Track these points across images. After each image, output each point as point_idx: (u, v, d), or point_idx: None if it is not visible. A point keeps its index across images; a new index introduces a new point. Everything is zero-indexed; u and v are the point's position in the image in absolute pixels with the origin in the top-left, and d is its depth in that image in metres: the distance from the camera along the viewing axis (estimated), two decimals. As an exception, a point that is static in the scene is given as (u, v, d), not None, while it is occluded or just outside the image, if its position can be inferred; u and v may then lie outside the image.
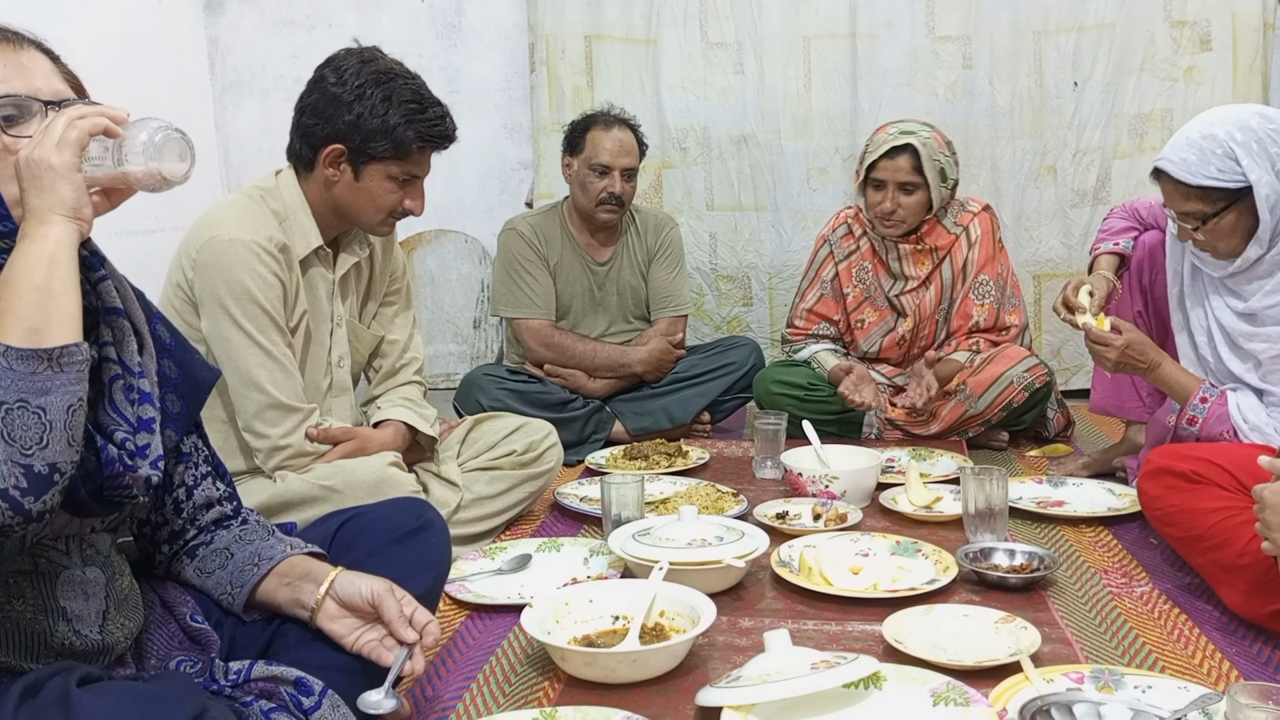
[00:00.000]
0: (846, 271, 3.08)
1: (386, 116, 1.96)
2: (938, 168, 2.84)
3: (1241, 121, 1.92)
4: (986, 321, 2.98)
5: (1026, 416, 2.94)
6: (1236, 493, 1.74)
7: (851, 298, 3.09)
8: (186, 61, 4.07)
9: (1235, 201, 1.92)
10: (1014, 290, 3.03)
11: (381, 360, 2.30)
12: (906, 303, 3.04)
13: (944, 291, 3.01)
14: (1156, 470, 1.87)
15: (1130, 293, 2.40)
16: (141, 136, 1.07)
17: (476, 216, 4.10)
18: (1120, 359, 2.12)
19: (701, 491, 2.47)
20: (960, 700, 1.40)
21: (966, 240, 2.97)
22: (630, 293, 3.26)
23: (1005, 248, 3.06)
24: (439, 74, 3.97)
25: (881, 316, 3.08)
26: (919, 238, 2.96)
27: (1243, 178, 1.89)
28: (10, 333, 0.98)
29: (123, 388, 1.17)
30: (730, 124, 3.82)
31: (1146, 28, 3.61)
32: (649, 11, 3.81)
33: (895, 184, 2.84)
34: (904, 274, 3.02)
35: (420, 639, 1.27)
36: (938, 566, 1.94)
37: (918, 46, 3.71)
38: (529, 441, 2.38)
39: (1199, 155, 1.92)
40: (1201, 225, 1.97)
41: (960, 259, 2.98)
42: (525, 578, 2.02)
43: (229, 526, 1.35)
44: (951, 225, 2.97)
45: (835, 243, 3.09)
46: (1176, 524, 1.84)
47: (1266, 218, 1.91)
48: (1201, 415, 2.03)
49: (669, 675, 1.57)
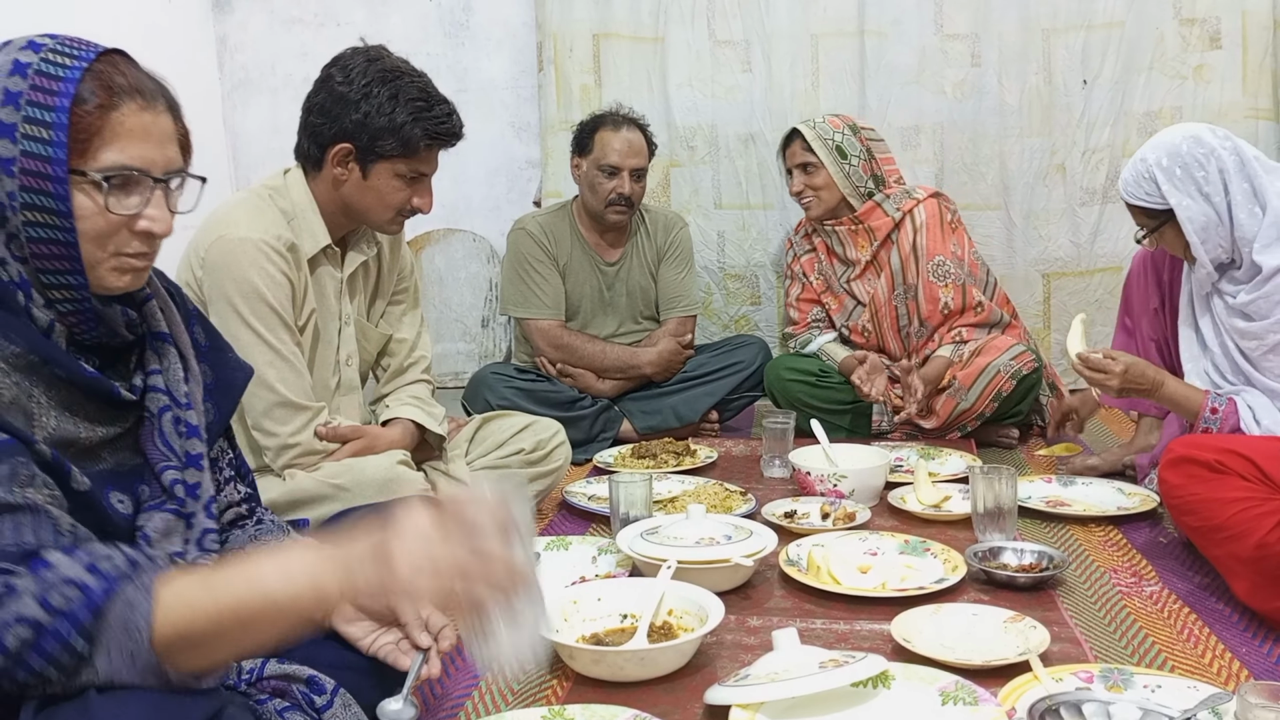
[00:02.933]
0: (809, 263, 3.25)
1: (394, 115, 1.96)
2: (832, 145, 3.03)
3: (1171, 146, 2.07)
4: (956, 302, 3.02)
5: (1021, 406, 2.95)
6: (1258, 483, 1.74)
7: (816, 285, 3.23)
8: (195, 60, 4.07)
9: (1167, 220, 2.10)
10: (972, 269, 3.07)
11: (390, 359, 2.30)
12: (859, 290, 3.13)
13: (895, 278, 3.07)
14: (1179, 459, 1.86)
15: (1147, 289, 2.41)
16: (519, 641, 0.99)
17: (484, 215, 4.10)
18: (1122, 384, 2.15)
19: (709, 490, 2.47)
20: (969, 699, 1.40)
21: (911, 225, 3.04)
22: (640, 293, 3.26)
23: (962, 228, 3.12)
24: (447, 73, 3.96)
25: (840, 302, 3.20)
26: (854, 219, 3.07)
27: (1164, 201, 2.06)
28: (179, 652, 0.92)
29: (171, 419, 1.17)
30: (738, 122, 3.81)
31: (1156, 25, 3.59)
32: (657, 10, 3.80)
33: (795, 167, 3.09)
34: (848, 258, 3.13)
35: (436, 643, 1.24)
36: (946, 566, 1.94)
37: (926, 44, 3.70)
38: (537, 440, 2.39)
39: (1133, 176, 2.13)
40: (1147, 236, 2.17)
41: (907, 244, 3.04)
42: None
43: (244, 526, 1.35)
44: (892, 210, 3.06)
45: (796, 241, 3.30)
46: (1196, 513, 1.83)
47: (1194, 239, 2.05)
48: (1215, 426, 2.03)
49: (677, 674, 1.58)
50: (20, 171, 1.02)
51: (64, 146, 1.02)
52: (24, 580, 0.90)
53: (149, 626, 0.91)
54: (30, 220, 1.03)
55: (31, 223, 1.03)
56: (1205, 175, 2.03)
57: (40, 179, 1.02)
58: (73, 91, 1.03)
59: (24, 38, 1.08)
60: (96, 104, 1.04)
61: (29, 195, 1.02)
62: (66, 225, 1.04)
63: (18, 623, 0.88)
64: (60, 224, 1.04)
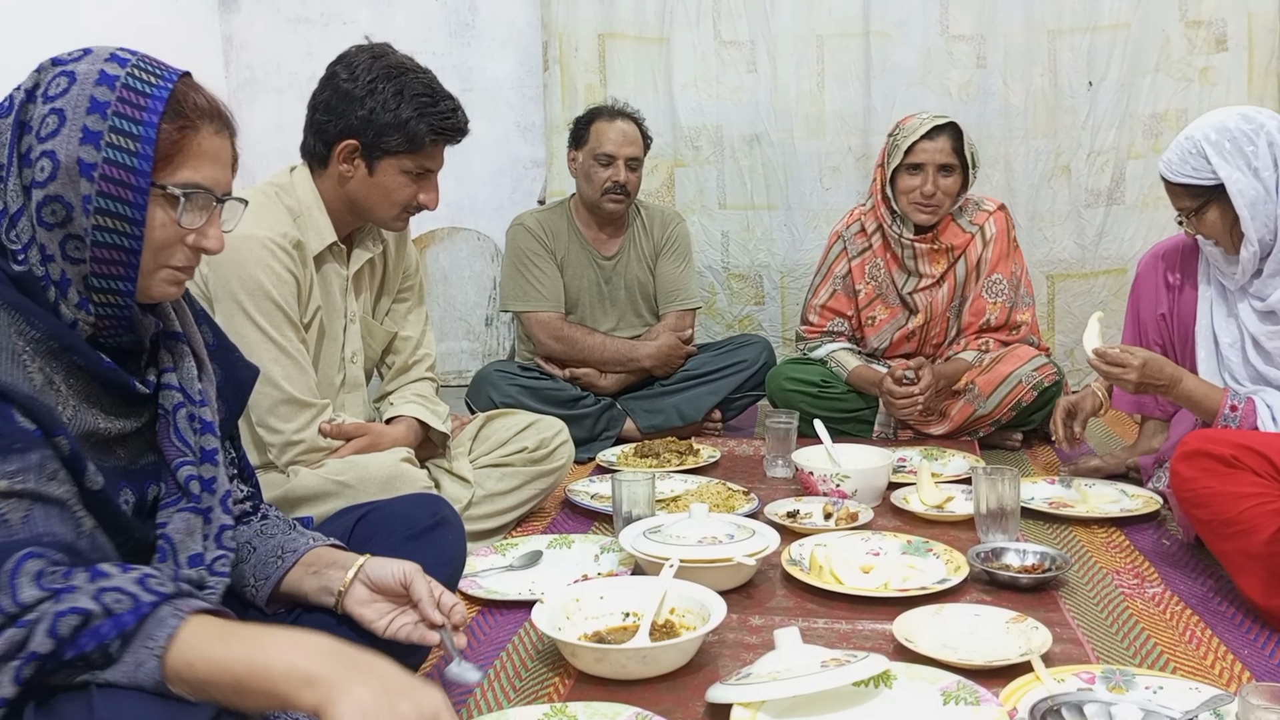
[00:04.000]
0: (859, 268, 3.08)
1: (399, 110, 1.96)
2: (971, 150, 2.87)
3: (1219, 123, 2.06)
4: (998, 320, 2.98)
5: (1036, 416, 2.93)
6: (1272, 480, 1.74)
7: (863, 294, 3.09)
8: (201, 59, 4.08)
9: (1213, 198, 2.05)
10: (1027, 289, 3.04)
11: (394, 356, 2.31)
12: (919, 300, 3.03)
13: (957, 289, 3.01)
14: (1193, 452, 1.86)
15: (1155, 294, 2.40)
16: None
17: (489, 214, 4.11)
18: (1140, 379, 2.13)
19: (712, 489, 2.47)
20: (971, 699, 1.40)
21: (981, 239, 2.97)
22: (638, 287, 3.26)
23: (1019, 246, 3.06)
24: (452, 72, 3.97)
25: (893, 314, 3.08)
26: (934, 236, 2.96)
27: (1214, 175, 2.02)
28: (179, 681, 0.95)
29: (186, 415, 1.20)
30: (743, 123, 3.82)
31: (1161, 28, 3.59)
32: (662, 10, 3.81)
33: (935, 165, 2.84)
34: (919, 271, 3.01)
35: (449, 620, 1.27)
36: (949, 566, 1.94)
37: (931, 46, 3.70)
38: (540, 438, 2.39)
39: (1179, 155, 2.08)
40: (1189, 219, 2.13)
41: (974, 257, 2.98)
42: (536, 574, 2.02)
43: (249, 522, 1.36)
44: (966, 224, 2.97)
45: (849, 239, 3.10)
46: (1207, 507, 1.82)
47: (1245, 214, 2.02)
48: (1235, 424, 2.03)
49: (679, 672, 1.58)
50: (100, 178, 1.06)
51: (149, 160, 1.08)
52: (80, 577, 0.97)
53: (166, 646, 0.95)
54: (101, 225, 1.07)
55: (102, 227, 1.07)
56: (1255, 150, 2.01)
57: (120, 187, 1.07)
58: (160, 108, 1.09)
59: (105, 49, 1.12)
60: (181, 124, 1.11)
61: (105, 200, 1.07)
62: (136, 234, 1.09)
63: (71, 613, 0.94)
64: (130, 231, 1.08)
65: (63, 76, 1.08)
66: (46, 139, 1.06)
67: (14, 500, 0.98)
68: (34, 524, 0.99)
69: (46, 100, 1.07)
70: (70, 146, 1.05)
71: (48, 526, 1.00)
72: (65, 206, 1.06)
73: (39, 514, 1.00)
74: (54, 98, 1.07)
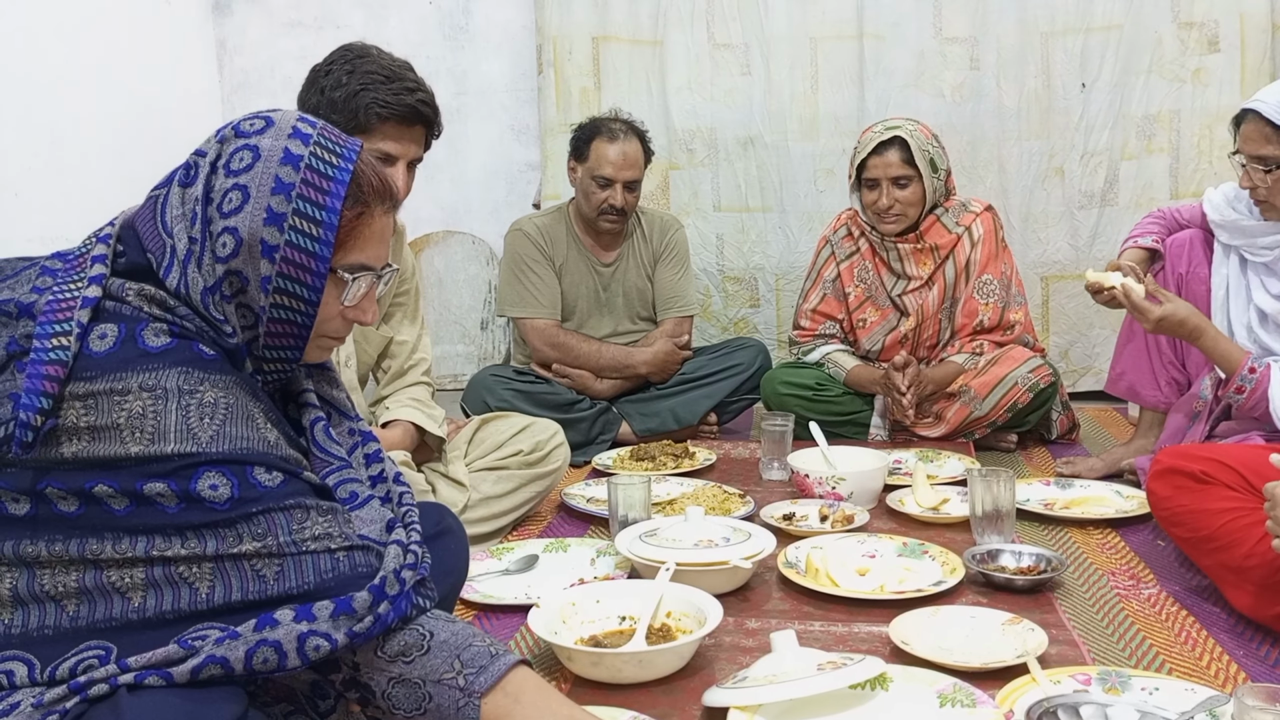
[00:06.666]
0: (848, 271, 3.09)
1: (348, 86, 1.94)
2: (927, 158, 2.87)
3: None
4: (991, 320, 2.98)
5: (1031, 417, 2.94)
6: (1245, 493, 1.74)
7: (853, 297, 3.09)
8: (195, 63, 4.08)
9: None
10: (1018, 288, 3.04)
11: (390, 361, 2.30)
12: (909, 302, 3.04)
13: (947, 290, 3.02)
14: (1165, 470, 1.87)
15: (1164, 282, 2.41)
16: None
17: (484, 218, 4.10)
18: (1164, 313, 2.14)
19: (708, 493, 2.47)
20: (967, 701, 1.40)
21: (969, 240, 2.97)
22: (636, 294, 3.26)
23: (1009, 246, 3.07)
24: (446, 75, 3.97)
25: (884, 316, 3.08)
26: (919, 236, 2.96)
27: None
28: None
29: (323, 429, 1.23)
30: (737, 125, 3.82)
31: (1154, 29, 3.60)
32: (656, 13, 3.81)
33: (888, 179, 2.87)
34: (906, 273, 3.02)
35: None
36: (945, 568, 1.94)
37: (925, 48, 3.71)
38: (536, 441, 2.39)
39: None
40: (1268, 170, 2.03)
41: (963, 258, 2.98)
42: (532, 578, 2.02)
43: None
44: (953, 225, 2.97)
45: (836, 243, 3.12)
46: (1184, 524, 1.84)
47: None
48: (1250, 385, 2.07)
49: (675, 676, 1.58)
50: (282, 259, 1.08)
51: (330, 245, 1.11)
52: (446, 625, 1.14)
53: (492, 685, 1.09)
54: (278, 303, 1.10)
55: (279, 305, 1.10)
56: None
57: (301, 270, 1.09)
58: (343, 194, 1.10)
59: (287, 120, 1.12)
60: (359, 211, 1.13)
61: (285, 281, 1.09)
62: (311, 312, 1.12)
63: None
64: (306, 310, 1.12)
65: (246, 151, 1.08)
66: (229, 215, 1.07)
67: None
68: None
69: (230, 174, 1.08)
70: (254, 225, 1.06)
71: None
72: (242, 280, 1.08)
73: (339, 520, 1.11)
74: (237, 172, 1.07)
